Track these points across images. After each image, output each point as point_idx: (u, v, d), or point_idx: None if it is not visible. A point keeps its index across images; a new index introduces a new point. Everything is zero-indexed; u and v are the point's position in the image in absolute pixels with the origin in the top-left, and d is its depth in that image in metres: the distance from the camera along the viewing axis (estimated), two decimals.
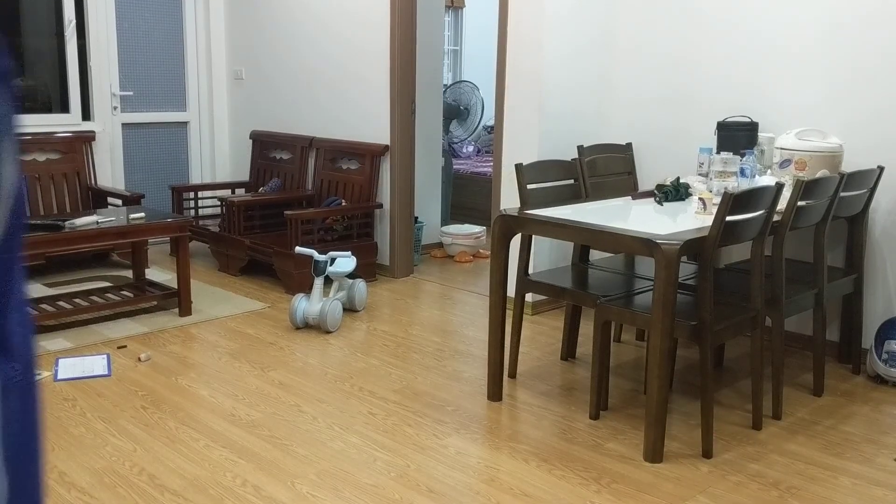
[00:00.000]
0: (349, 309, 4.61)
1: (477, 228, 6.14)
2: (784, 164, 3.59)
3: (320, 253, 4.35)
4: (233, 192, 6.08)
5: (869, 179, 3.61)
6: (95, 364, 3.77)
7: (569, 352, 3.95)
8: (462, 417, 3.28)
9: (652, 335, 2.91)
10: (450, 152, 7.08)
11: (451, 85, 8.22)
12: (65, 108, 5.84)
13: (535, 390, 3.58)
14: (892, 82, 3.67)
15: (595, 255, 3.99)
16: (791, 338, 3.95)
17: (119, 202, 5.39)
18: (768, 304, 3.19)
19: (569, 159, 4.03)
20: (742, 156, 3.60)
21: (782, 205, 3.14)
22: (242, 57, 6.43)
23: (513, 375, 3.69)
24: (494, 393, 3.45)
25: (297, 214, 4.92)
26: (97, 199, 5.60)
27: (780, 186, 3.06)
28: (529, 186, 3.68)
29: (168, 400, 3.40)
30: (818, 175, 3.42)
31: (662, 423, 2.91)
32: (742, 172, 3.52)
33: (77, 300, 4.44)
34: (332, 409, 3.33)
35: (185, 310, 4.51)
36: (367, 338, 4.23)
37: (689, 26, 4.32)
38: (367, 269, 5.24)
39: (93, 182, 5.71)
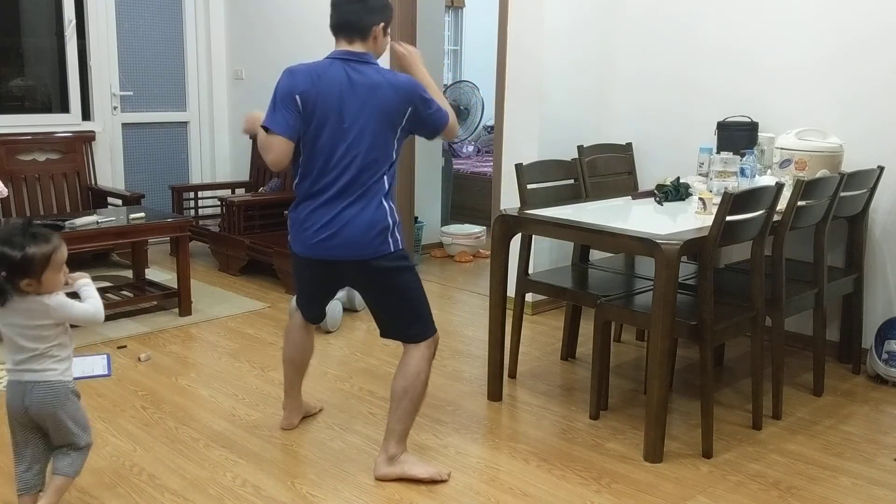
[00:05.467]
0: (349, 309, 4.61)
1: (477, 228, 6.14)
2: (784, 164, 3.59)
3: None
4: (233, 192, 6.07)
5: (869, 179, 3.61)
6: (95, 364, 3.76)
7: (569, 352, 3.95)
8: (462, 417, 3.28)
9: (652, 335, 2.90)
10: (450, 152, 7.07)
11: (451, 85, 8.22)
12: (65, 108, 5.84)
13: (535, 390, 3.58)
14: (891, 81, 3.67)
15: (595, 255, 3.98)
16: (791, 338, 3.94)
17: (119, 202, 5.39)
18: (768, 304, 3.19)
19: (569, 159, 4.04)
20: (742, 156, 3.60)
21: (782, 205, 3.14)
22: (242, 57, 6.43)
23: (513, 375, 3.69)
24: (494, 393, 3.45)
25: None
26: (97, 199, 5.60)
27: (780, 186, 3.06)
28: (529, 186, 3.68)
29: (168, 400, 3.40)
30: (818, 175, 3.42)
31: (662, 423, 2.91)
32: (742, 172, 3.52)
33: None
34: (332, 409, 3.32)
35: (185, 310, 4.51)
36: (367, 338, 4.22)
37: (690, 25, 4.32)
38: None
39: (93, 182, 5.71)
